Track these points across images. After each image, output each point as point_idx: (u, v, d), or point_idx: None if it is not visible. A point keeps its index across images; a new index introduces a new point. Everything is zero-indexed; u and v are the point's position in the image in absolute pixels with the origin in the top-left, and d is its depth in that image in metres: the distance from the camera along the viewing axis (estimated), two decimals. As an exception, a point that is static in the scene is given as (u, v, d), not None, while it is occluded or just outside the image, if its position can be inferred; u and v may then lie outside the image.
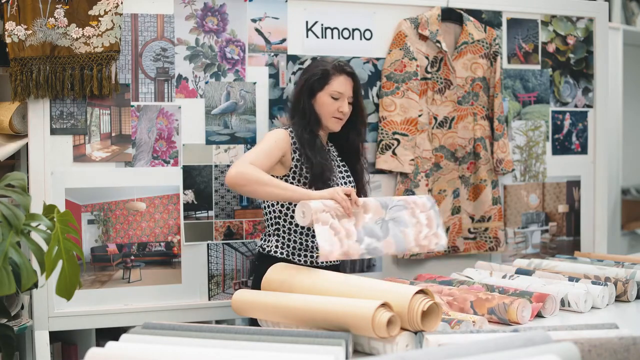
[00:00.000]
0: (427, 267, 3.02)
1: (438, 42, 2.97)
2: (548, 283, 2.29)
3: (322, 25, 2.85)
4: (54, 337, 2.79)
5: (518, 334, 1.38)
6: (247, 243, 2.75)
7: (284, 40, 2.80)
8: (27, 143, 2.54)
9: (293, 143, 2.41)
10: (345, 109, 2.45)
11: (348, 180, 2.50)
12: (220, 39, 2.70)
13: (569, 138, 3.32)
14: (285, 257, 2.41)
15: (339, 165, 2.52)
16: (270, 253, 2.43)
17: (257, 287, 2.23)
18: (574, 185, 3.33)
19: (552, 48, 3.26)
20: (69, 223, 1.94)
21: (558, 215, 3.29)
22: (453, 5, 3.03)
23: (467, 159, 3.07)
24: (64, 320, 2.53)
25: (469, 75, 3.06)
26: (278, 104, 2.78)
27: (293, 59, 2.80)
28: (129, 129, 2.60)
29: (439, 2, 3.01)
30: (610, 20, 4.52)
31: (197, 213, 2.68)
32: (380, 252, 2.17)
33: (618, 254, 3.22)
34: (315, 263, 2.39)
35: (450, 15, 3.03)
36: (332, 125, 2.46)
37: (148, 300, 2.62)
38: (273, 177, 2.29)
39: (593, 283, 2.27)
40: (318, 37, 2.84)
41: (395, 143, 2.90)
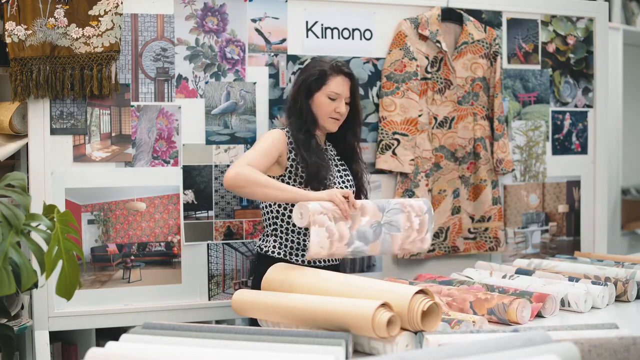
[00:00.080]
0: (427, 267, 3.03)
1: (438, 42, 2.97)
2: (548, 283, 2.29)
3: (322, 25, 2.85)
4: (54, 337, 2.79)
5: (518, 334, 1.38)
6: (247, 243, 2.75)
7: (284, 40, 2.80)
8: (27, 143, 2.54)
9: (289, 143, 2.41)
10: (343, 110, 2.45)
11: (346, 180, 2.50)
12: (220, 39, 2.70)
13: (569, 138, 3.32)
14: (283, 257, 2.41)
15: (337, 165, 2.52)
16: (268, 253, 2.43)
17: (257, 287, 2.23)
18: (574, 185, 3.33)
19: (552, 48, 3.26)
20: (69, 223, 1.94)
21: (558, 215, 3.29)
22: (453, 5, 3.03)
23: (467, 159, 3.07)
24: (64, 320, 2.53)
25: (469, 75, 3.06)
26: (278, 104, 2.78)
27: (293, 59, 2.80)
28: (129, 129, 2.60)
29: (439, 2, 3.01)
30: (610, 20, 4.52)
31: (197, 213, 2.68)
32: (365, 254, 2.22)
33: (618, 254, 3.22)
34: (313, 263, 2.39)
35: (450, 15, 3.03)
36: (329, 126, 2.46)
37: (148, 300, 2.62)
38: (270, 177, 2.29)
39: (593, 283, 2.27)
40: (318, 37, 2.84)
41: (395, 143, 2.90)
